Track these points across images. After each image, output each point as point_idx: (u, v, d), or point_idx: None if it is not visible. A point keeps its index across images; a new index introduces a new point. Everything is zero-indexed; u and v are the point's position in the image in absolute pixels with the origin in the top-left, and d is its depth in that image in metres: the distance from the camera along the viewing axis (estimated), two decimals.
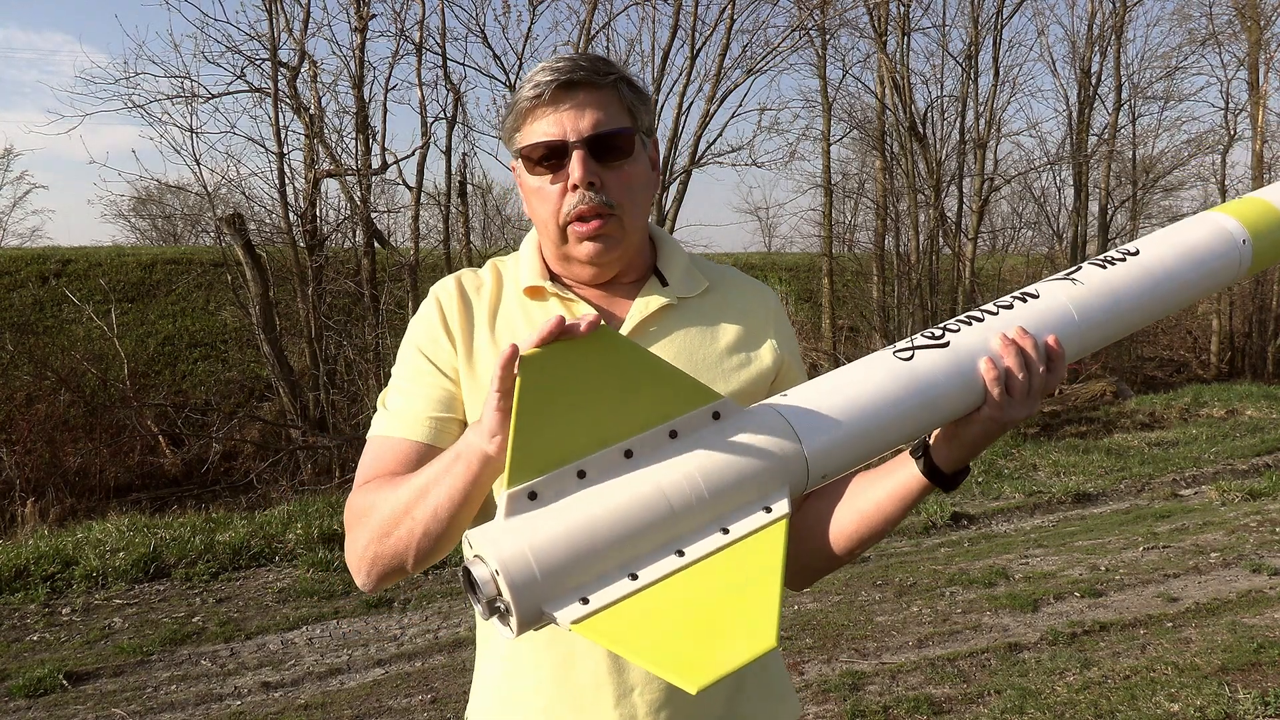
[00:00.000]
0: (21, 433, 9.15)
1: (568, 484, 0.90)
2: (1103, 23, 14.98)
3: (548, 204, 1.17)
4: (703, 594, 0.88)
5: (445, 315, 1.22)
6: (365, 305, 9.74)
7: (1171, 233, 1.30)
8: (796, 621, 4.56)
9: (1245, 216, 1.33)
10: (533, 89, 1.15)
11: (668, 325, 1.22)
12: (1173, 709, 3.44)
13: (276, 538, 5.91)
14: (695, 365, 1.20)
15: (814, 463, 0.99)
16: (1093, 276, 1.20)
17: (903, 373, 1.05)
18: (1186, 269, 1.25)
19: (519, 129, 1.18)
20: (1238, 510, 6.50)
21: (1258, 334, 16.42)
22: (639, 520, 0.89)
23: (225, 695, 3.94)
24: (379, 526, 1.09)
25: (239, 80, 9.49)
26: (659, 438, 0.94)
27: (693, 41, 10.38)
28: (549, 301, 1.22)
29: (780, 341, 1.27)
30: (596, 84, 1.15)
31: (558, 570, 0.86)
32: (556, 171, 1.16)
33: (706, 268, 1.32)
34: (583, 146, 1.14)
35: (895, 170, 13.00)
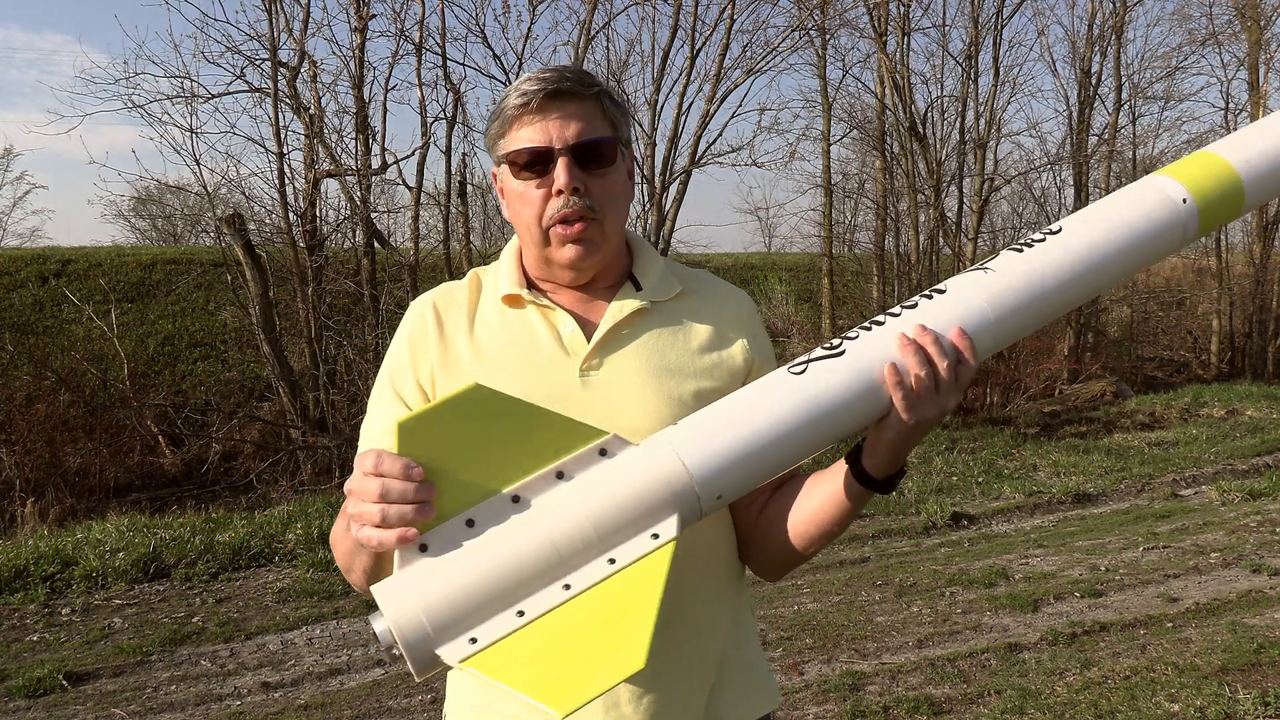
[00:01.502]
0: (21, 433, 9.14)
1: (457, 534, 0.95)
2: (1103, 23, 14.99)
3: (532, 208, 1.21)
4: (585, 622, 0.93)
5: (418, 335, 1.27)
6: (365, 305, 9.74)
7: (1103, 204, 1.25)
8: (796, 621, 4.56)
9: (1189, 175, 1.26)
10: (520, 97, 1.19)
11: (641, 327, 1.26)
12: (1173, 709, 3.43)
13: (276, 538, 5.91)
14: (667, 365, 1.24)
15: (703, 489, 1.00)
16: (1007, 264, 1.17)
17: (795, 389, 1.05)
18: (1115, 241, 1.19)
19: (504, 135, 1.22)
20: (1238, 510, 6.50)
21: (1258, 334, 16.41)
22: (524, 565, 0.94)
23: (225, 695, 3.94)
24: (341, 563, 1.18)
25: (239, 80, 9.50)
26: (546, 480, 0.99)
27: (693, 41, 10.38)
28: (527, 309, 1.26)
29: (752, 344, 1.31)
30: (581, 95, 1.20)
31: (447, 622, 0.93)
32: (542, 177, 1.20)
33: (681, 272, 1.35)
34: (568, 153, 1.18)
35: (895, 170, 13.00)
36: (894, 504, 6.91)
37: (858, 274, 14.53)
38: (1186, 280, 18.41)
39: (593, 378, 1.22)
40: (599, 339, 1.23)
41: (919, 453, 8.89)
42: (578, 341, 1.23)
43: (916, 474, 8.03)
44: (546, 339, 1.24)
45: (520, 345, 1.24)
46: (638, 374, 1.22)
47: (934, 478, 7.79)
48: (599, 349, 1.23)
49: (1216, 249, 17.08)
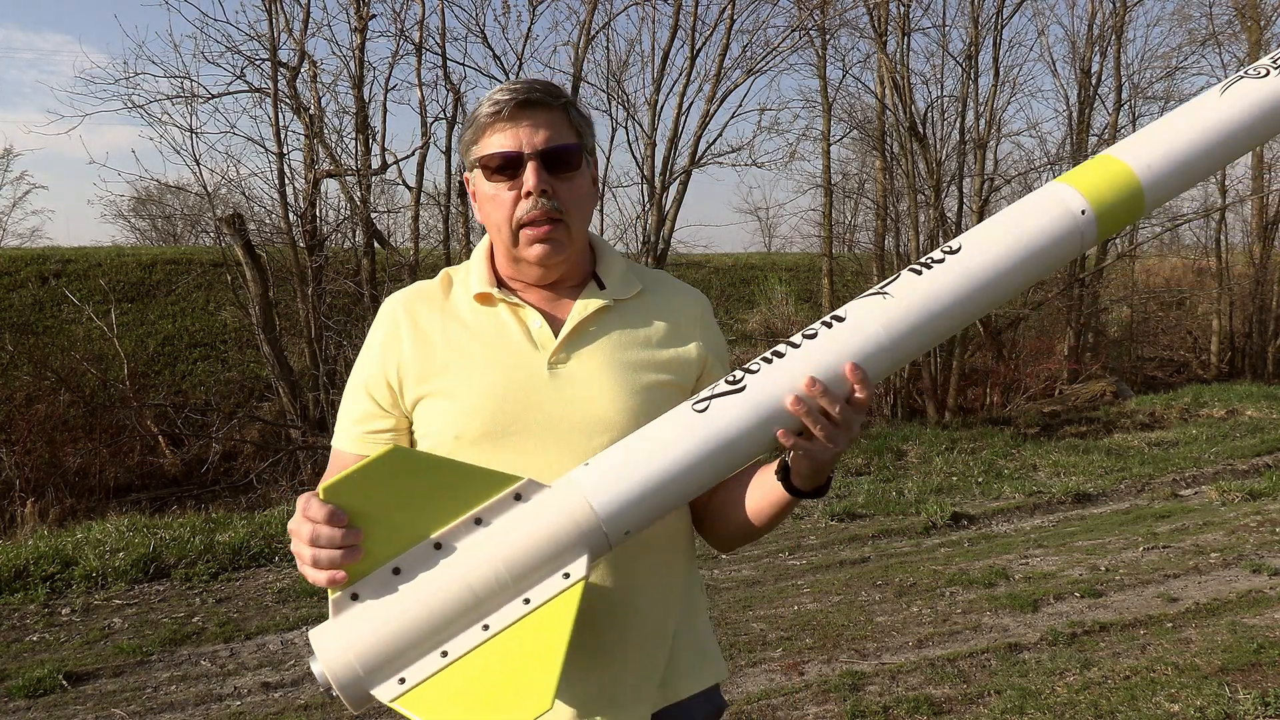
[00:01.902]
0: (21, 433, 9.14)
1: (384, 582, 1.04)
2: (1103, 23, 14.98)
3: (502, 209, 1.29)
4: (502, 661, 1.02)
5: (391, 333, 1.35)
6: (365, 305, 9.73)
7: (1003, 217, 1.28)
8: (796, 622, 4.56)
9: (1089, 182, 1.29)
10: (492, 106, 1.28)
11: (605, 325, 1.34)
12: (1173, 709, 3.43)
13: (276, 538, 5.91)
14: (628, 359, 1.33)
15: (610, 528, 1.08)
16: (906, 288, 1.20)
17: (697, 426, 1.12)
18: (1012, 257, 1.22)
19: (477, 141, 1.32)
20: (1238, 510, 6.50)
21: (1258, 334, 16.41)
22: (446, 608, 1.03)
23: (225, 695, 3.94)
24: None
25: (239, 80, 9.49)
26: (466, 526, 1.06)
27: (693, 41, 10.38)
28: (498, 307, 1.34)
29: (706, 341, 1.40)
30: (549, 105, 1.29)
31: (377, 664, 1.02)
32: (512, 180, 1.28)
33: (641, 273, 1.44)
34: (537, 158, 1.27)
35: (895, 170, 13.00)
36: (894, 504, 6.91)
37: (858, 274, 14.53)
38: (1186, 280, 18.42)
39: (560, 370, 1.30)
40: (566, 334, 1.31)
41: (919, 453, 8.89)
42: (546, 336, 1.32)
43: (916, 474, 8.03)
44: (517, 334, 1.32)
45: (492, 340, 1.32)
46: (602, 367, 1.31)
47: (934, 478, 7.79)
48: (566, 344, 1.31)
49: (1216, 249, 17.09)
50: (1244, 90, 1.37)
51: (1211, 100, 1.38)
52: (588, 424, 1.28)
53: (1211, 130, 1.34)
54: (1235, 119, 1.35)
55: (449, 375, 1.30)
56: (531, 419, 1.28)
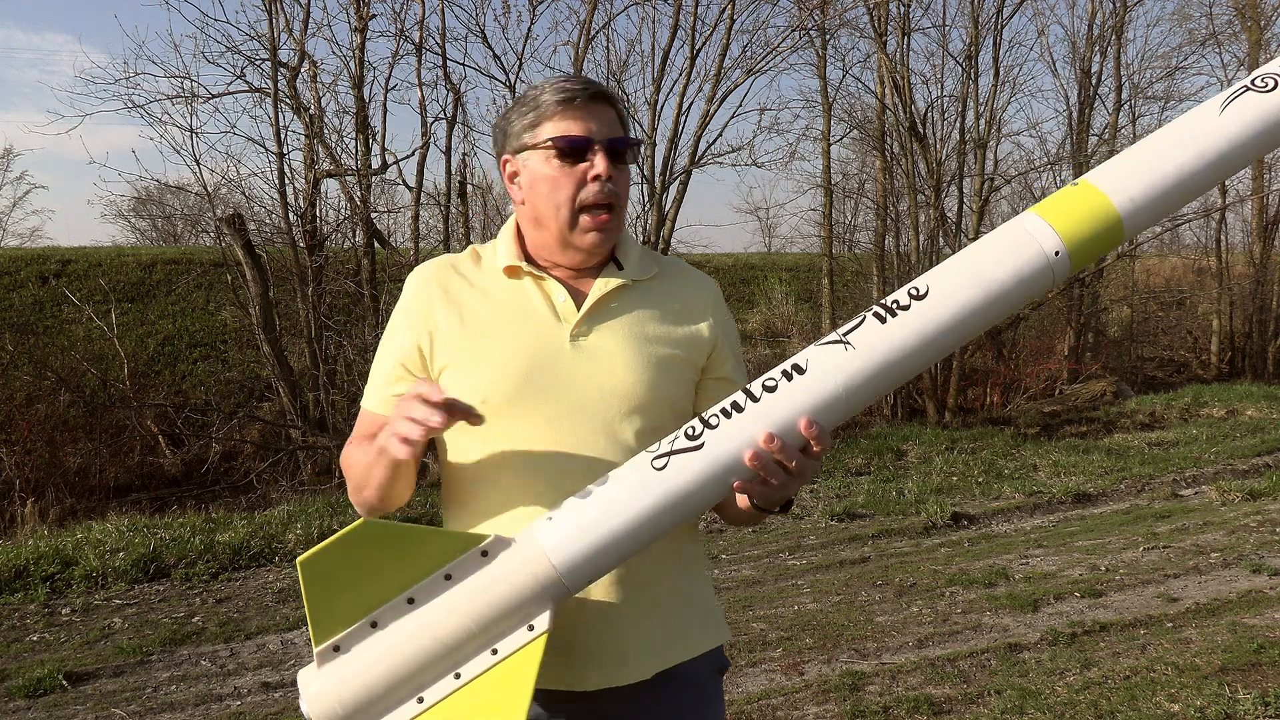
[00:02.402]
0: (21, 433, 9.13)
1: (363, 634, 1.12)
2: (1103, 23, 14.98)
3: (565, 190, 1.36)
4: (473, 705, 1.11)
5: (422, 300, 1.42)
6: (365, 305, 9.73)
7: (973, 257, 1.25)
8: (797, 622, 4.56)
9: (1066, 219, 1.24)
10: (563, 94, 1.36)
11: (624, 303, 1.42)
12: (1173, 709, 3.43)
13: (276, 538, 5.91)
14: (646, 334, 1.40)
15: (570, 579, 1.15)
16: (869, 337, 1.20)
17: (655, 485, 1.16)
18: (979, 303, 1.22)
19: (539, 124, 1.38)
20: (1238, 510, 6.50)
21: (1258, 334, 16.40)
22: (420, 658, 1.12)
23: (225, 695, 3.94)
24: (353, 482, 1.38)
25: (239, 80, 9.47)
26: (436, 582, 1.14)
27: (693, 41, 10.37)
28: (523, 280, 1.42)
29: (717, 323, 1.48)
30: (610, 101, 1.40)
31: (358, 709, 1.11)
32: (575, 165, 1.36)
33: (657, 258, 1.53)
34: (605, 147, 1.36)
35: (895, 170, 12.99)
36: (894, 504, 6.91)
37: (858, 274, 14.52)
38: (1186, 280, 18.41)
39: (582, 342, 1.38)
40: (588, 308, 1.39)
41: (919, 453, 8.89)
42: (569, 310, 1.39)
43: (916, 474, 8.03)
44: (542, 306, 1.40)
45: (518, 311, 1.39)
46: (622, 340, 1.39)
47: (934, 478, 7.79)
48: (587, 318, 1.39)
49: (1216, 249, 17.08)
50: (1248, 106, 1.28)
51: (1210, 117, 1.29)
52: (606, 393, 1.36)
53: (1207, 154, 1.27)
54: (1234, 138, 1.28)
55: (477, 342, 1.37)
56: (555, 387, 1.35)
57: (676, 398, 1.42)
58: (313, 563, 1.10)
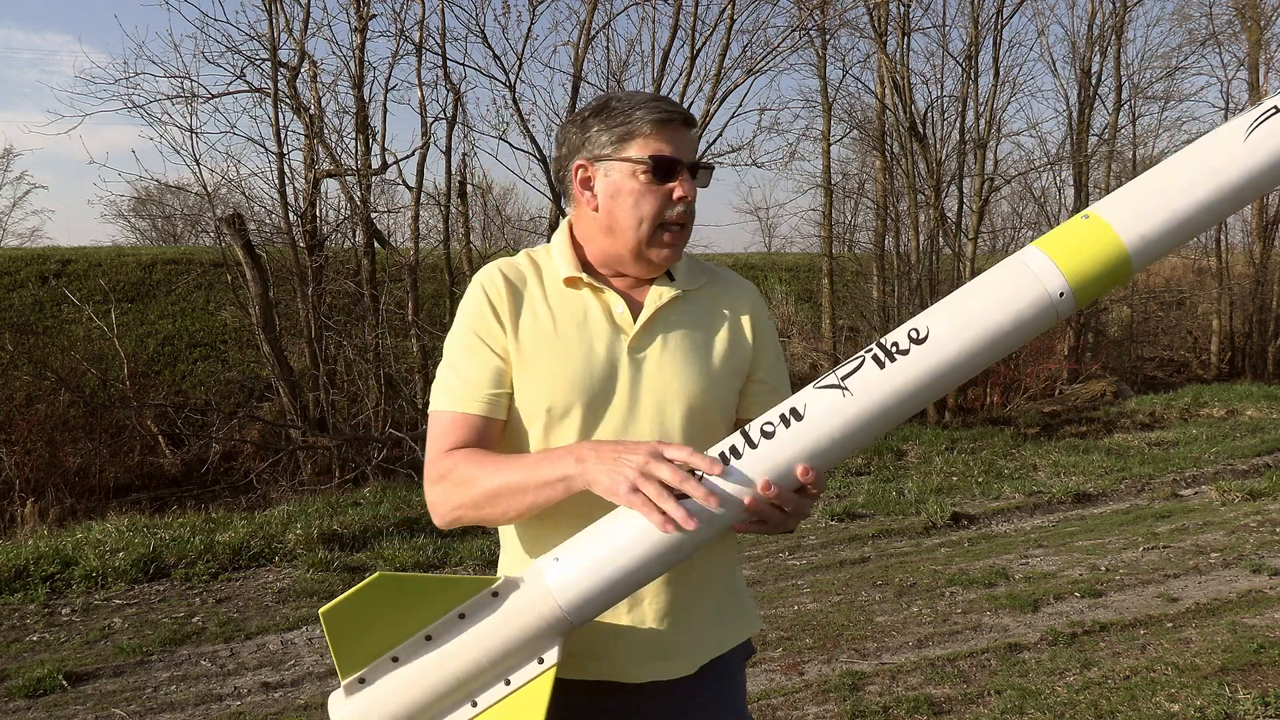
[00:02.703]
0: (21, 433, 9.13)
1: (385, 668, 1.22)
2: (1103, 23, 14.98)
3: (648, 206, 1.44)
4: None
5: (493, 302, 1.46)
6: (365, 305, 9.73)
7: (974, 300, 1.23)
8: (797, 622, 4.56)
9: (1073, 258, 1.20)
10: (661, 114, 1.43)
11: (677, 314, 1.50)
12: (1173, 709, 3.43)
13: (276, 538, 5.91)
14: (696, 343, 1.48)
15: (576, 617, 1.23)
16: (866, 384, 1.21)
17: (654, 529, 1.19)
18: (981, 346, 1.21)
19: (631, 139, 1.44)
20: (1238, 510, 6.50)
21: (1258, 334, 16.40)
22: (439, 690, 1.21)
23: (225, 695, 3.94)
24: (476, 497, 1.35)
25: (239, 80, 9.48)
26: (451, 622, 1.23)
27: (693, 41, 10.37)
28: (583, 290, 1.48)
29: (758, 329, 1.55)
30: (693, 126, 1.49)
31: None
32: (662, 184, 1.43)
33: (703, 266, 1.60)
34: (691, 169, 1.45)
35: (895, 170, 12.99)
36: (894, 504, 6.91)
37: (858, 274, 14.52)
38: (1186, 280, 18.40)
39: (639, 354, 1.45)
40: (645, 320, 1.46)
41: (919, 453, 8.88)
42: (626, 320, 1.46)
43: (916, 474, 8.03)
44: (601, 318, 1.46)
45: (580, 322, 1.46)
46: (675, 352, 1.46)
47: (934, 478, 7.79)
48: (644, 330, 1.46)
49: (1216, 249, 17.08)
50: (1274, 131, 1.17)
51: (1233, 143, 1.19)
52: (662, 403, 1.43)
53: (1226, 188, 1.18)
54: (1259, 169, 1.17)
55: (543, 350, 1.43)
56: (613, 397, 1.42)
57: (727, 406, 1.50)
58: (334, 613, 1.19)
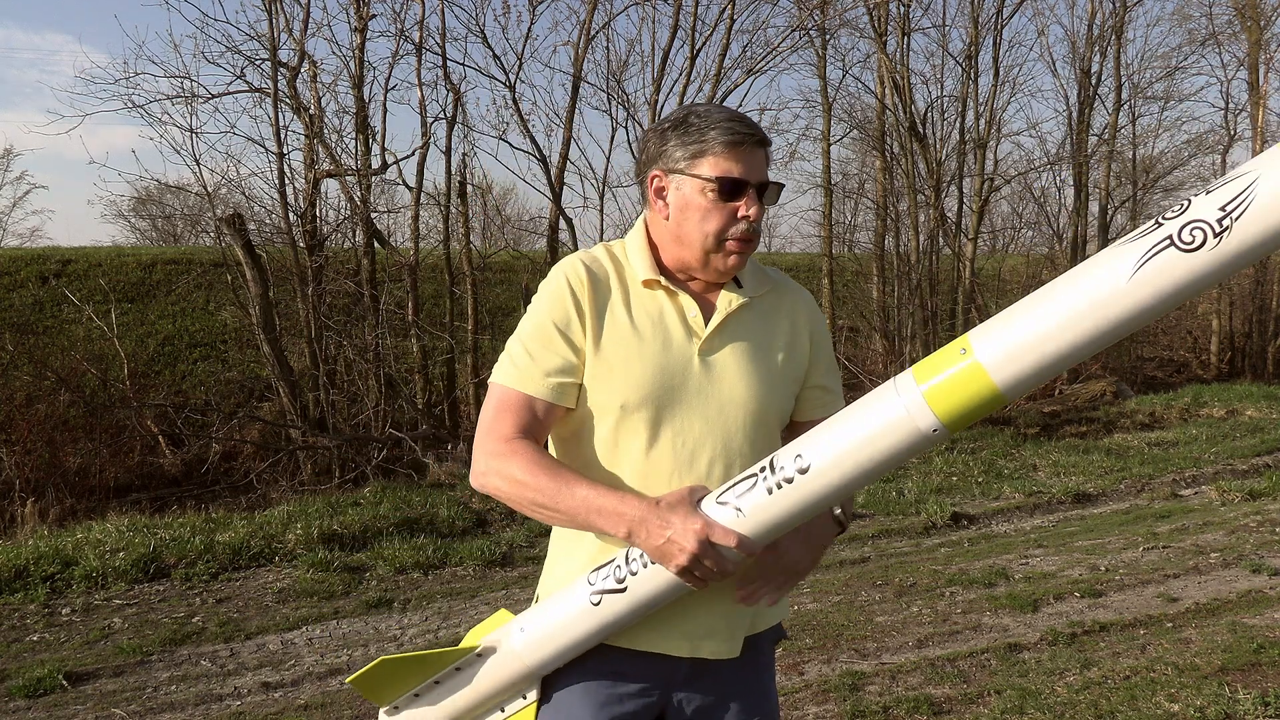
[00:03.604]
0: (21, 433, 9.12)
1: (409, 702, 1.64)
2: (1103, 23, 14.97)
3: (716, 223, 1.51)
4: None
5: (576, 296, 1.52)
6: (365, 305, 9.73)
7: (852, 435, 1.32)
8: (797, 622, 4.56)
9: (945, 401, 1.25)
10: (735, 135, 1.49)
11: (744, 321, 1.58)
12: (1173, 709, 3.43)
13: (276, 538, 5.91)
14: (761, 348, 1.57)
15: (541, 670, 1.55)
16: (756, 507, 1.37)
17: (593, 615, 1.47)
18: (858, 474, 1.32)
19: (702, 156, 1.51)
20: (1238, 510, 6.50)
21: (1258, 334, 16.41)
22: (454, 713, 1.61)
23: (225, 695, 3.94)
24: (518, 497, 1.47)
25: (239, 80, 9.48)
26: (450, 673, 1.60)
27: (693, 41, 10.37)
28: (659, 292, 1.56)
29: (814, 335, 1.66)
30: (766, 145, 1.54)
31: None
32: (730, 201, 1.50)
33: (765, 272, 1.68)
34: (758, 190, 1.51)
35: (895, 170, 12.99)
36: (894, 504, 6.91)
37: (858, 274, 14.52)
38: None
39: (709, 358, 1.53)
40: (715, 327, 1.54)
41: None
42: (698, 324, 1.54)
43: (916, 474, 8.02)
44: (675, 320, 1.54)
45: (656, 323, 1.54)
46: (741, 357, 1.55)
47: (934, 478, 7.79)
48: (715, 335, 1.54)
49: None
50: (1166, 267, 1.11)
51: (1119, 278, 1.14)
52: (727, 406, 1.52)
53: (1104, 326, 1.16)
54: (1141, 306, 1.14)
55: (621, 347, 1.51)
56: (682, 398, 1.50)
57: (784, 409, 1.60)
58: (359, 680, 1.60)
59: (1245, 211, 1.06)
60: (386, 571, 5.50)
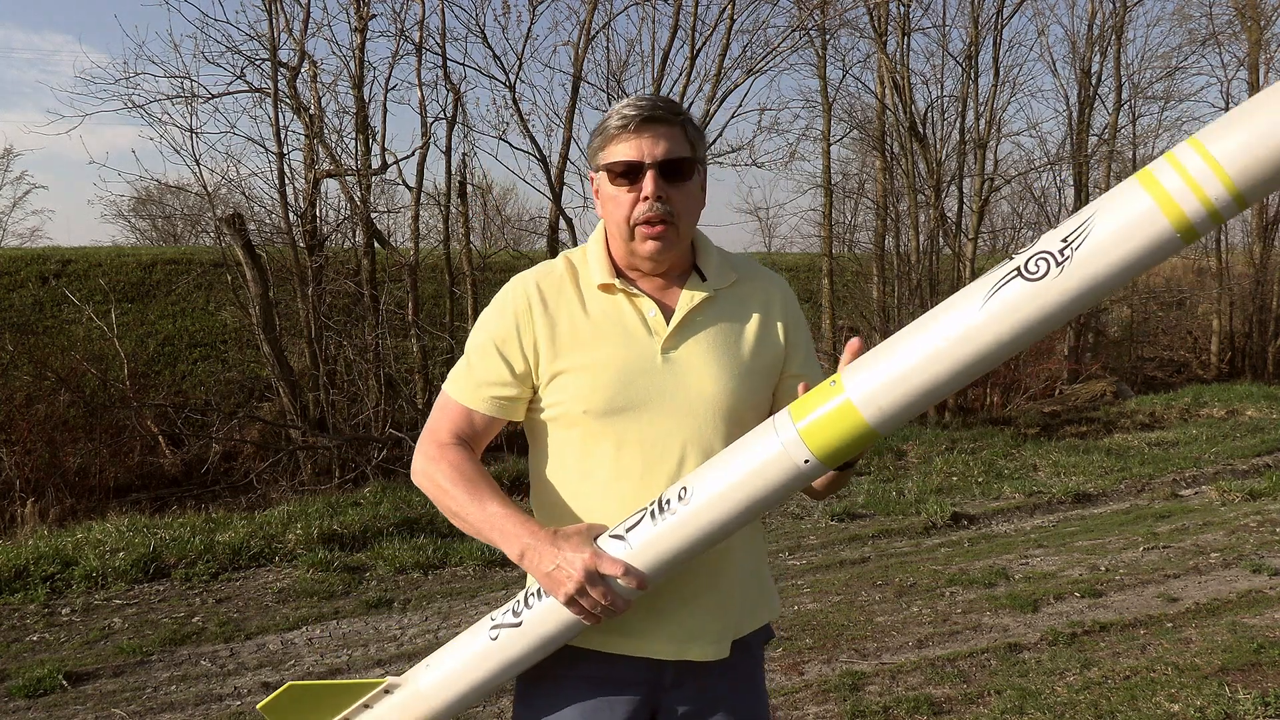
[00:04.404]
0: (21, 433, 9.12)
1: None
2: (1103, 23, 14.98)
3: (622, 209, 1.49)
4: None
5: (519, 313, 1.53)
6: (365, 305, 9.73)
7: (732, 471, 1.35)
8: (797, 622, 4.56)
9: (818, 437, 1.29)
10: (620, 119, 1.47)
11: (708, 315, 1.55)
12: (1173, 709, 3.43)
13: (276, 538, 5.91)
14: (728, 344, 1.54)
15: (447, 712, 1.56)
16: (642, 537, 1.38)
17: (493, 652, 1.50)
18: (738, 509, 1.34)
19: (604, 148, 1.51)
20: (1238, 510, 6.50)
21: (1258, 334, 16.41)
22: None
23: (225, 695, 3.94)
24: (440, 502, 1.53)
25: (239, 80, 9.47)
26: (359, 709, 1.62)
27: (693, 42, 10.37)
28: (618, 296, 1.54)
29: (788, 324, 1.61)
30: (669, 121, 1.49)
31: None
32: (632, 184, 1.48)
33: (733, 262, 1.63)
34: (655, 168, 1.47)
35: (895, 170, 12.99)
36: (894, 504, 6.91)
37: (858, 274, 14.52)
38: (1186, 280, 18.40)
39: (672, 355, 1.51)
40: (676, 324, 1.52)
41: (919, 453, 8.88)
42: (659, 324, 1.52)
43: (916, 474, 8.03)
44: (635, 321, 1.52)
45: (615, 326, 1.52)
46: (707, 352, 1.52)
47: (934, 478, 7.79)
48: (677, 331, 1.52)
49: (1216, 249, 17.08)
50: (1013, 298, 1.17)
51: (971, 311, 1.20)
52: (695, 403, 1.50)
53: (963, 359, 1.20)
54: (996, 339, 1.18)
55: (579, 355, 1.50)
56: (647, 398, 1.49)
57: (759, 403, 1.56)
58: (269, 707, 1.62)
59: (1084, 242, 1.14)
60: (386, 571, 5.50)
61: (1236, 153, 1.06)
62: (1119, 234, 1.12)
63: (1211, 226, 1.11)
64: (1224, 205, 1.09)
